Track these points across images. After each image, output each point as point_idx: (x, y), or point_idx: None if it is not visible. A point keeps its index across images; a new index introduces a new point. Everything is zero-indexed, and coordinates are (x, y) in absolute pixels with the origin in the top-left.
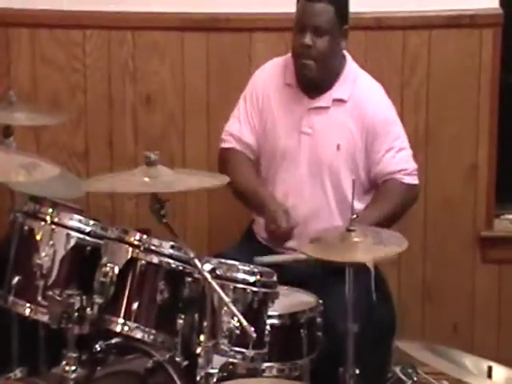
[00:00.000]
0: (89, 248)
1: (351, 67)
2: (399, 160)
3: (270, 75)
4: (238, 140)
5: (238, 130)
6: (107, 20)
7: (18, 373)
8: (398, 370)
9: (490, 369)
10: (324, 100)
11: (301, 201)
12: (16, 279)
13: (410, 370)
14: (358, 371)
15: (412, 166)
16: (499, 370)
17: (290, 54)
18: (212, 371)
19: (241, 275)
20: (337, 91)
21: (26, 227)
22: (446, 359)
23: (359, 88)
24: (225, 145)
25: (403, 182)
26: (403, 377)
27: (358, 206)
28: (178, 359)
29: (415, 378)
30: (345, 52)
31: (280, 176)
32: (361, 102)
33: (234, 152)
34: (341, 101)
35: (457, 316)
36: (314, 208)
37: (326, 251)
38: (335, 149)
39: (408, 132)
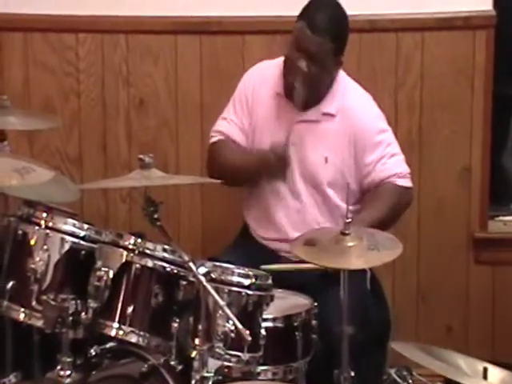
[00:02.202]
0: (83, 252)
1: (340, 79)
2: (391, 166)
3: (260, 79)
4: (227, 137)
5: (227, 129)
6: (100, 24)
7: (12, 378)
8: (392, 372)
9: (485, 370)
10: (313, 114)
11: (290, 211)
12: (10, 284)
13: (404, 372)
14: (353, 373)
15: (404, 169)
16: (494, 371)
17: (282, 60)
18: (207, 375)
19: (236, 278)
20: (326, 105)
21: (19, 232)
22: (441, 361)
23: (348, 100)
24: (213, 140)
25: (396, 184)
26: (398, 379)
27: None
28: (172, 363)
29: (410, 381)
30: None
31: (268, 185)
32: (349, 114)
33: (222, 141)
34: (330, 115)
35: (451, 318)
36: (303, 219)
37: (320, 256)
38: (323, 161)
39: (401, 134)
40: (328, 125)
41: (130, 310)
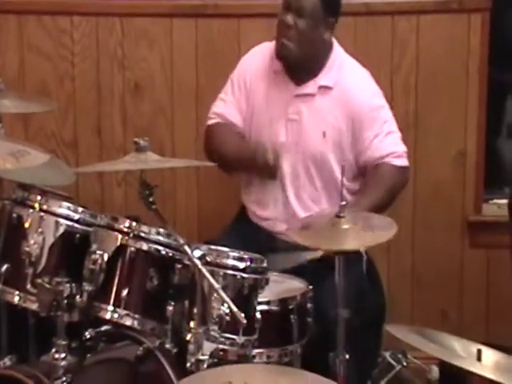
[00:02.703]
0: (78, 235)
1: (337, 53)
2: (388, 144)
3: (258, 60)
4: (225, 118)
5: (225, 110)
6: (95, 7)
7: (7, 361)
8: (387, 355)
9: (479, 352)
10: (310, 87)
11: (288, 187)
12: (4, 267)
13: (399, 355)
14: (348, 356)
15: (401, 148)
16: (488, 353)
17: None
18: (202, 358)
19: (231, 261)
20: (322, 78)
21: (14, 215)
22: (435, 343)
23: (344, 75)
24: (210, 122)
25: (393, 164)
26: (393, 362)
27: (347, 192)
28: (168, 346)
29: (405, 363)
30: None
31: None
32: (346, 89)
33: (219, 125)
34: (326, 88)
35: (445, 301)
36: (301, 194)
37: (315, 239)
38: (321, 136)
39: (397, 117)
40: (324, 99)
41: (124, 293)
